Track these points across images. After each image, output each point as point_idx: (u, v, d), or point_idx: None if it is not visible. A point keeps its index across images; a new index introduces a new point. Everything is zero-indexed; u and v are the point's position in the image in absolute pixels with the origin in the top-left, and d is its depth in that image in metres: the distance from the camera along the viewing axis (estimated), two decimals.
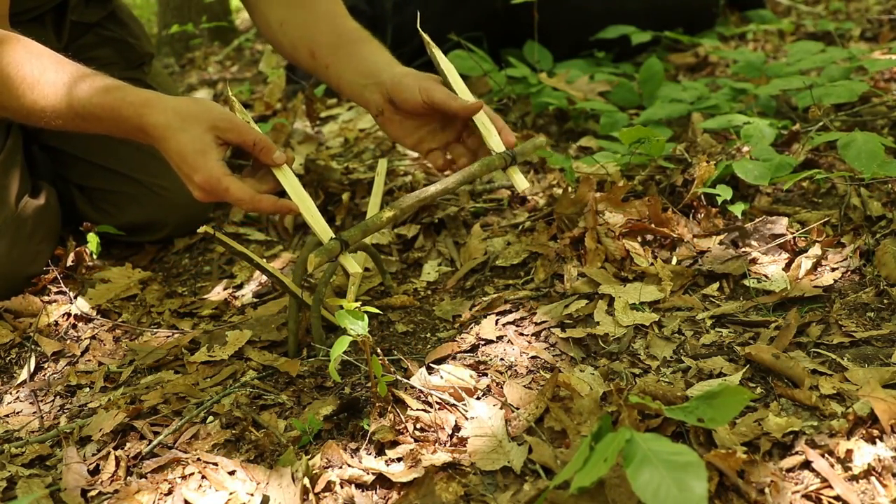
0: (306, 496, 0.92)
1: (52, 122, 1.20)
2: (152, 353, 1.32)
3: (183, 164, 1.12)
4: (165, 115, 1.12)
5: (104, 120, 1.16)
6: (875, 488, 0.83)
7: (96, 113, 1.16)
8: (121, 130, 1.18)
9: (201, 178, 1.11)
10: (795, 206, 1.43)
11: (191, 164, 1.11)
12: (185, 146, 1.11)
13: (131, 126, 1.15)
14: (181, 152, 1.11)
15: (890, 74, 2.06)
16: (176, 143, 1.12)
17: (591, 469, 0.75)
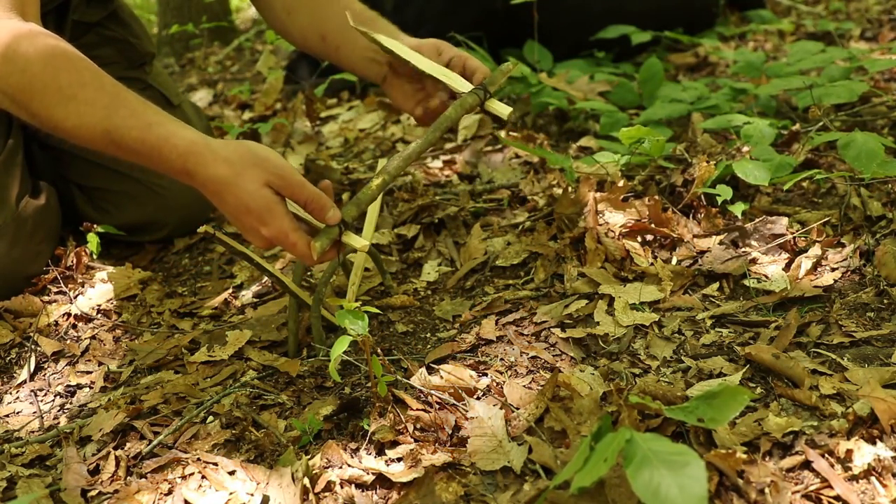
0: (306, 496, 0.92)
1: (81, 141, 1.12)
2: (152, 353, 1.32)
3: (247, 217, 1.06)
4: (218, 168, 1.06)
5: (142, 155, 1.09)
6: (875, 488, 0.83)
7: (135, 147, 1.09)
8: (161, 169, 1.10)
9: (271, 232, 1.06)
10: (795, 206, 1.43)
11: (258, 218, 1.06)
12: (250, 202, 1.05)
13: (174, 170, 1.09)
14: (246, 207, 1.06)
15: (890, 74, 2.06)
16: (236, 198, 1.06)
17: (591, 469, 0.75)
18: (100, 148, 1.11)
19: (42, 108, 1.10)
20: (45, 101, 1.09)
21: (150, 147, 1.08)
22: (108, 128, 1.08)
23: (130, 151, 1.09)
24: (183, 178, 1.11)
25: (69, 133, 1.10)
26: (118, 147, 1.09)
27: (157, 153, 1.08)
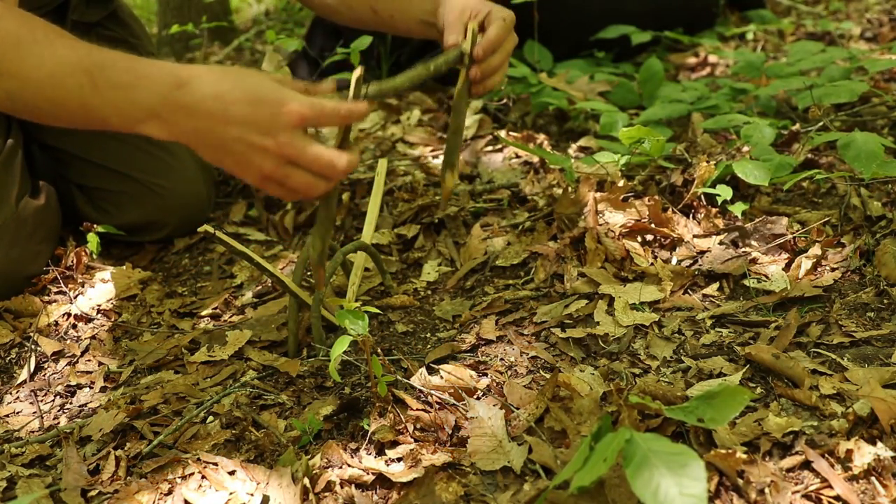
0: (306, 496, 0.92)
1: (55, 97, 0.99)
2: (152, 353, 1.32)
3: (250, 129, 0.94)
4: (214, 76, 0.96)
5: (128, 88, 0.96)
6: (875, 488, 0.83)
7: (121, 80, 0.96)
8: (146, 97, 0.96)
9: (280, 145, 0.93)
10: (795, 206, 1.43)
11: (267, 123, 0.94)
12: (258, 92, 0.95)
13: (166, 87, 0.95)
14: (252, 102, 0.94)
15: (890, 74, 2.06)
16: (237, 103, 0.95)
17: (591, 469, 0.75)
18: (74, 102, 0.98)
19: (15, 61, 0.98)
20: (19, 52, 0.98)
21: (138, 75, 0.97)
22: (88, 66, 0.97)
23: (115, 87, 0.97)
24: (173, 99, 0.96)
25: (42, 84, 0.98)
26: (97, 89, 0.96)
27: (145, 79, 0.96)
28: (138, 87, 0.96)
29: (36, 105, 1.00)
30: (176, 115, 0.96)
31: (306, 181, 0.97)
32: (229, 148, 0.96)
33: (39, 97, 0.99)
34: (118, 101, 0.97)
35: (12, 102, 1.00)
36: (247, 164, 0.96)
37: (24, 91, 0.99)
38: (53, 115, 1.01)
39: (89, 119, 1.00)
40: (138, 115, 0.97)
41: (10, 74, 0.98)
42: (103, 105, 0.97)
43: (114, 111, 0.98)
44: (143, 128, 0.98)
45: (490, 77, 1.21)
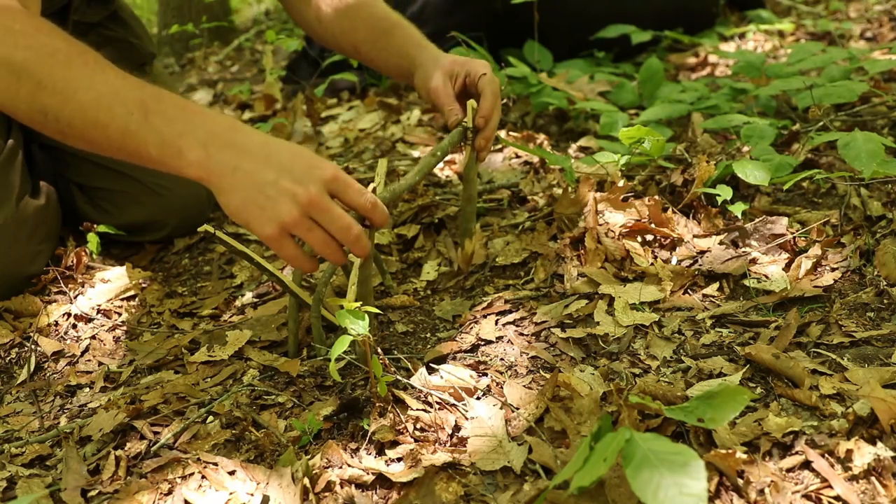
0: (306, 496, 0.92)
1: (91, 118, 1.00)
2: (152, 353, 1.32)
3: (285, 175, 0.99)
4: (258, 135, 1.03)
5: (178, 112, 1.01)
6: (875, 488, 0.83)
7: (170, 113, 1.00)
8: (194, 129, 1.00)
9: (310, 194, 0.98)
10: (795, 206, 1.43)
11: (303, 173, 0.99)
12: (295, 151, 1.02)
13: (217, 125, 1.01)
14: (291, 156, 1.01)
15: (890, 74, 2.06)
16: (277, 148, 1.01)
17: (591, 469, 0.75)
18: (117, 128, 1.00)
19: (63, 79, 1.01)
20: (69, 71, 1.01)
21: (192, 111, 1.02)
22: (143, 97, 1.01)
23: (167, 119, 1.00)
24: (224, 137, 1.01)
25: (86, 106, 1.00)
26: (147, 118, 1.00)
27: (199, 115, 1.02)
28: (191, 122, 1.01)
29: (71, 124, 1.01)
30: (222, 152, 1.00)
31: (322, 239, 1.01)
32: (261, 191, 0.99)
33: (79, 118, 1.01)
34: (166, 132, 1.00)
35: (44, 117, 1.02)
36: (273, 210, 0.98)
37: (63, 109, 1.01)
38: (86, 137, 1.03)
39: (124, 146, 1.02)
40: (183, 145, 1.00)
41: (55, 91, 1.00)
42: (149, 133, 1.00)
43: (157, 140, 1.00)
44: (181, 160, 1.00)
45: (490, 135, 1.35)
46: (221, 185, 1.01)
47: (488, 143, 1.36)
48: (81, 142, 1.04)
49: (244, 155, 1.00)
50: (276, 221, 0.99)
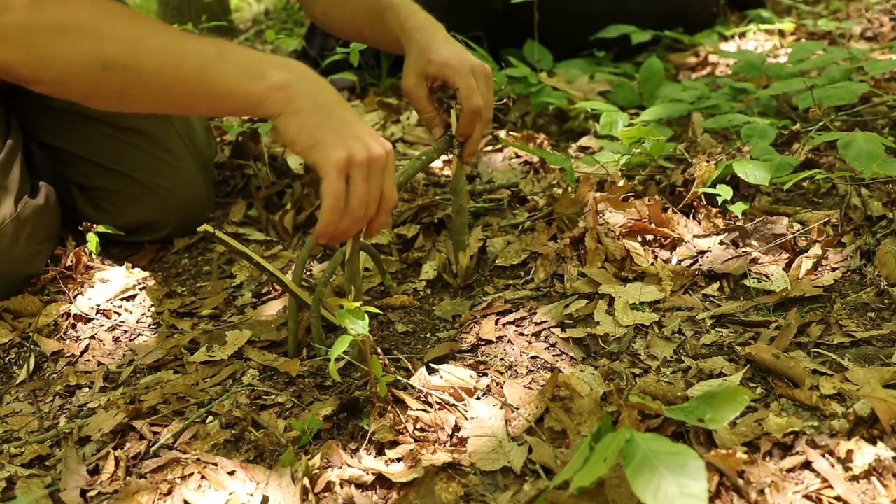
0: (306, 496, 0.92)
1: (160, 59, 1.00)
2: (152, 353, 1.32)
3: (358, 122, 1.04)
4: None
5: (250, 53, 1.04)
6: (876, 488, 0.83)
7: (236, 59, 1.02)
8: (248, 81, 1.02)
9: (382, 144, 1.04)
10: (796, 205, 1.43)
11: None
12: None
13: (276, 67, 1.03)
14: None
15: (890, 74, 2.05)
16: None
17: (591, 469, 0.75)
18: (192, 66, 1.01)
19: (129, 29, 1.01)
20: (132, 23, 1.01)
21: (268, 57, 1.05)
22: (214, 42, 1.03)
23: (243, 58, 1.03)
24: (305, 73, 1.05)
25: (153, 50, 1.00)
26: (223, 57, 1.02)
27: (277, 58, 1.06)
28: (264, 54, 1.05)
29: (140, 72, 0.99)
30: (304, 79, 1.03)
31: (365, 193, 1.03)
32: (338, 125, 1.02)
33: (149, 62, 1.00)
34: (244, 61, 1.03)
35: (105, 73, 0.99)
36: (345, 143, 1.01)
37: (131, 57, 0.99)
38: (157, 82, 1.01)
39: (199, 83, 1.02)
40: (265, 70, 1.02)
41: (120, 41, 0.99)
42: (226, 65, 1.02)
43: (236, 70, 1.02)
44: (262, 82, 1.01)
45: (473, 149, 1.31)
46: (300, 106, 1.02)
47: (471, 157, 1.33)
48: (147, 91, 1.02)
49: (322, 87, 1.04)
50: (346, 150, 1.01)
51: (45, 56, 0.98)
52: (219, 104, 1.05)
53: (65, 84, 1.01)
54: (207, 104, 1.06)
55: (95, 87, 1.01)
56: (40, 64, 0.99)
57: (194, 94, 1.03)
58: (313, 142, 1.02)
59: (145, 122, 1.66)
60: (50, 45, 0.98)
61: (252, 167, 1.89)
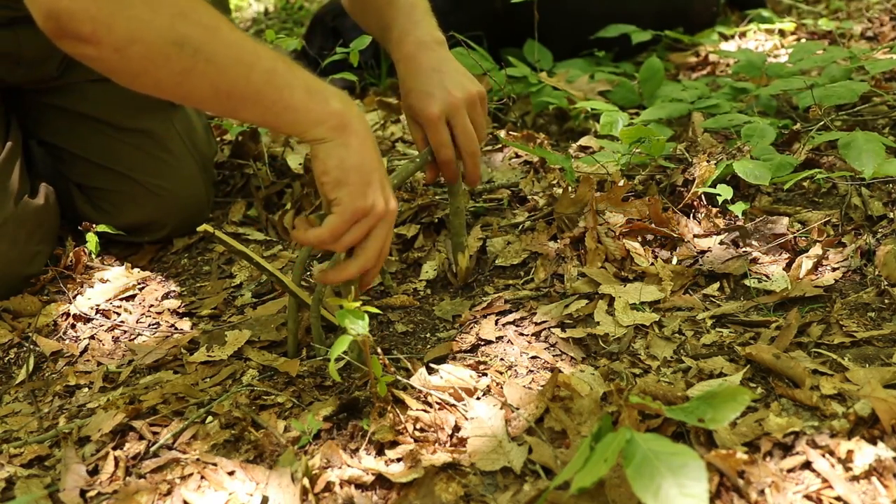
0: (306, 496, 0.91)
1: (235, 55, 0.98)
2: (151, 353, 1.31)
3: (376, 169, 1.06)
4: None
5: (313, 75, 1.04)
6: (876, 489, 0.83)
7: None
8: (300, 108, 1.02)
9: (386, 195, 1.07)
10: (796, 205, 1.43)
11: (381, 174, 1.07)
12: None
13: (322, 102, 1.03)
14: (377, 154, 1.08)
15: (891, 74, 2.05)
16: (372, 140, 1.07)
17: (592, 469, 0.75)
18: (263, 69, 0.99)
19: (208, 16, 0.96)
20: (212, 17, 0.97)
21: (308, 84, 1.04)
22: (281, 56, 1.02)
23: (308, 76, 1.04)
24: (359, 112, 1.06)
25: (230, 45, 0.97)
26: (291, 69, 1.02)
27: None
28: (330, 88, 1.05)
29: (212, 60, 0.95)
30: (357, 117, 1.05)
31: (360, 238, 1.07)
32: (372, 171, 1.05)
33: (223, 53, 0.96)
34: (310, 81, 1.03)
35: (178, 49, 0.92)
36: (373, 192, 1.05)
37: (208, 42, 0.95)
38: (225, 76, 0.97)
39: (265, 88, 0.99)
40: (328, 95, 1.03)
41: (199, 23, 0.94)
42: (295, 78, 1.01)
43: (304, 85, 1.02)
44: (326, 106, 1.02)
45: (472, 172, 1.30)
46: (349, 141, 1.03)
47: (473, 184, 1.32)
48: (209, 82, 0.97)
49: (368, 131, 1.06)
50: (370, 201, 1.04)
51: (118, 14, 0.89)
52: (273, 114, 1.02)
53: (123, 51, 0.91)
54: (262, 111, 1.01)
55: (158, 63, 0.93)
56: (108, 21, 0.88)
57: (255, 98, 0.99)
58: (346, 181, 1.03)
59: (147, 122, 1.66)
60: (126, 4, 0.89)
61: (252, 167, 1.89)
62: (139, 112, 1.64)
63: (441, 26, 1.41)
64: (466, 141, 1.24)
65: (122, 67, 0.94)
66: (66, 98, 1.63)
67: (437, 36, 1.30)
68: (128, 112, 1.64)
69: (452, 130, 1.24)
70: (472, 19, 2.34)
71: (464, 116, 1.23)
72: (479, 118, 1.27)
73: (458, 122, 1.23)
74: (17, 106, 1.65)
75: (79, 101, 1.62)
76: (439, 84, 1.23)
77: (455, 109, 1.23)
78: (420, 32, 1.29)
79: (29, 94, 1.64)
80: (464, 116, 1.23)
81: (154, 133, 1.67)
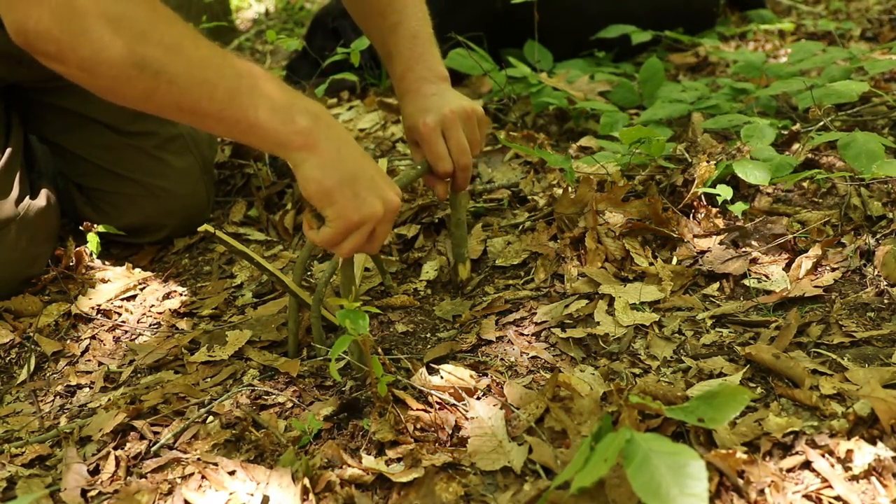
0: (306, 496, 0.92)
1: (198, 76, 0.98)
2: (152, 353, 1.32)
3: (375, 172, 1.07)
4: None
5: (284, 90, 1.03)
6: (875, 488, 0.83)
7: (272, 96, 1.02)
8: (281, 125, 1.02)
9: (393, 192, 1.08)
10: (796, 206, 1.43)
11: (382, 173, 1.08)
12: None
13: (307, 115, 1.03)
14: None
15: (890, 74, 2.05)
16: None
17: (592, 469, 0.75)
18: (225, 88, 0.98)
19: (169, 34, 0.97)
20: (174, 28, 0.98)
21: (287, 86, 1.05)
22: (249, 69, 1.01)
23: (276, 88, 1.03)
24: (331, 119, 1.05)
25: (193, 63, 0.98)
26: (256, 84, 1.00)
27: (303, 97, 1.06)
28: (297, 95, 1.04)
29: (174, 81, 0.96)
30: (330, 129, 1.04)
31: (367, 239, 1.08)
32: (358, 181, 1.04)
33: (185, 74, 0.97)
34: (277, 98, 1.01)
35: (139, 71, 0.94)
36: (363, 202, 1.04)
37: (169, 63, 0.95)
38: (188, 97, 0.98)
39: (228, 108, 0.99)
40: (295, 113, 1.02)
41: (161, 44, 0.95)
42: (260, 97, 1.00)
43: (269, 104, 1.00)
44: (291, 126, 1.01)
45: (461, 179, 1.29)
46: (322, 160, 1.03)
47: (460, 190, 1.32)
48: (173, 101, 0.98)
49: (345, 141, 1.05)
50: (365, 212, 1.04)
51: (80, 37, 0.91)
52: (240, 132, 1.03)
53: (89, 71, 0.95)
54: (228, 129, 1.03)
55: (122, 83, 0.96)
56: (71, 44, 0.92)
57: (220, 117, 1.00)
58: (332, 201, 1.04)
59: (150, 125, 1.65)
60: (88, 27, 0.91)
61: (252, 167, 1.89)
62: (141, 115, 1.64)
63: (441, 26, 1.40)
64: (459, 153, 1.25)
65: (90, 84, 0.97)
66: (69, 99, 1.62)
67: (440, 71, 1.30)
68: (131, 115, 1.63)
69: (447, 143, 1.25)
70: (472, 19, 2.34)
71: (458, 130, 1.24)
72: (475, 133, 1.27)
73: (452, 135, 1.24)
74: (20, 102, 1.64)
75: (82, 103, 1.62)
76: (436, 102, 1.25)
77: (450, 122, 1.23)
78: (422, 69, 1.29)
79: (32, 92, 1.64)
80: (458, 130, 1.24)
81: (157, 135, 1.66)
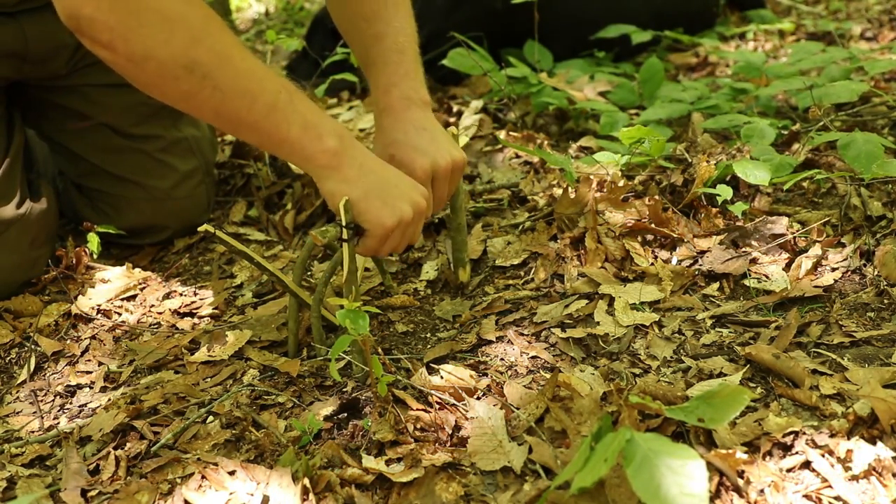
0: (306, 496, 0.92)
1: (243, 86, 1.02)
2: (152, 353, 1.32)
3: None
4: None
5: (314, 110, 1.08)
6: (875, 488, 0.83)
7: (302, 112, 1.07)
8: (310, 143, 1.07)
9: (423, 197, 1.15)
10: (796, 206, 1.43)
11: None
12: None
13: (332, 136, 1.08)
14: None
15: (890, 74, 2.06)
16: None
17: (592, 469, 0.75)
18: (266, 102, 1.03)
19: (220, 42, 1.00)
20: (224, 37, 1.01)
21: (316, 105, 1.10)
22: (286, 85, 1.06)
23: (308, 108, 1.07)
24: (353, 138, 1.11)
25: (240, 74, 1.02)
26: (293, 101, 1.05)
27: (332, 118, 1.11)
28: (324, 114, 1.10)
29: (219, 87, 0.99)
30: (353, 147, 1.10)
31: (397, 245, 1.16)
32: (385, 189, 1.11)
33: (231, 83, 1.01)
34: (309, 116, 1.07)
35: (188, 73, 0.97)
36: (394, 206, 1.11)
37: (217, 70, 0.99)
38: (229, 105, 1.02)
39: (265, 121, 1.04)
40: (323, 131, 1.07)
41: (212, 50, 0.99)
42: (294, 113, 1.05)
43: (301, 121, 1.06)
44: (319, 144, 1.07)
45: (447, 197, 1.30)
46: (346, 175, 1.09)
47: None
48: (214, 106, 1.02)
49: (368, 155, 1.12)
50: (397, 216, 1.10)
51: (135, 31, 0.94)
52: (271, 143, 1.09)
53: (137, 64, 0.97)
54: (260, 139, 1.09)
55: (167, 80, 0.98)
56: (126, 35, 0.94)
57: (254, 127, 1.05)
58: (363, 210, 1.09)
59: (153, 129, 1.65)
60: (146, 22, 0.94)
61: (252, 167, 1.89)
62: (146, 119, 1.64)
63: (441, 26, 1.39)
64: (437, 204, 1.26)
65: (133, 76, 1.00)
66: (73, 100, 1.62)
67: (424, 95, 1.29)
68: (135, 119, 1.63)
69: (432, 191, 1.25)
70: (472, 19, 2.34)
71: (445, 184, 1.24)
72: (454, 185, 1.28)
73: (438, 186, 1.24)
74: (22, 99, 1.63)
75: (85, 105, 1.62)
76: (430, 143, 1.23)
77: (442, 174, 1.23)
78: (407, 87, 1.28)
79: (35, 90, 1.64)
80: (445, 184, 1.24)
81: (162, 138, 1.66)
